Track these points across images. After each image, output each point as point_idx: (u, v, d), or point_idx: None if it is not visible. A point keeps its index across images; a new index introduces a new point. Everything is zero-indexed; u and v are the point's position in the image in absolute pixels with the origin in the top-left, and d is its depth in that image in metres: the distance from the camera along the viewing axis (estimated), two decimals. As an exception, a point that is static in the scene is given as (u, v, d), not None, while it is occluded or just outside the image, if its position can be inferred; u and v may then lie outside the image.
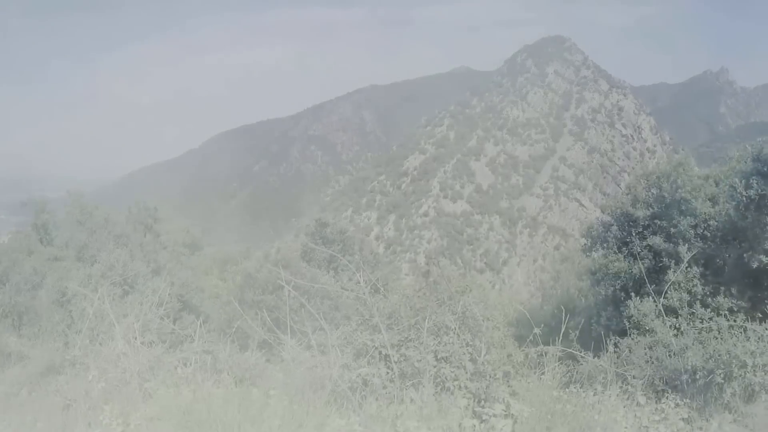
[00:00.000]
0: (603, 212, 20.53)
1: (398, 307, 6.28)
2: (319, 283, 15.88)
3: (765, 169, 14.75)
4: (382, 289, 7.00)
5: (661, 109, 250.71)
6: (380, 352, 6.04)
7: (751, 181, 14.46)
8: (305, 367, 6.22)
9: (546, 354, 6.37)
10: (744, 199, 14.65)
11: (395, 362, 5.87)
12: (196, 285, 27.56)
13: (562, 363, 8.01)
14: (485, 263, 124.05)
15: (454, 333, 5.86)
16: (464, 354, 5.75)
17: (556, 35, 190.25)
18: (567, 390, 6.12)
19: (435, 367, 5.71)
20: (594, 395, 6.13)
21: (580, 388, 6.66)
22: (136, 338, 7.06)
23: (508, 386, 5.67)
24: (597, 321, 16.77)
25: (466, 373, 5.67)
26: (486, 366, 5.64)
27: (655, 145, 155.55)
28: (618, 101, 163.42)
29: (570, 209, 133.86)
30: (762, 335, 6.99)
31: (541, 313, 27.06)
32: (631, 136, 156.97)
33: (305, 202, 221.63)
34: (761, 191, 14.43)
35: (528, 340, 6.75)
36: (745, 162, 15.62)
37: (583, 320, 16.09)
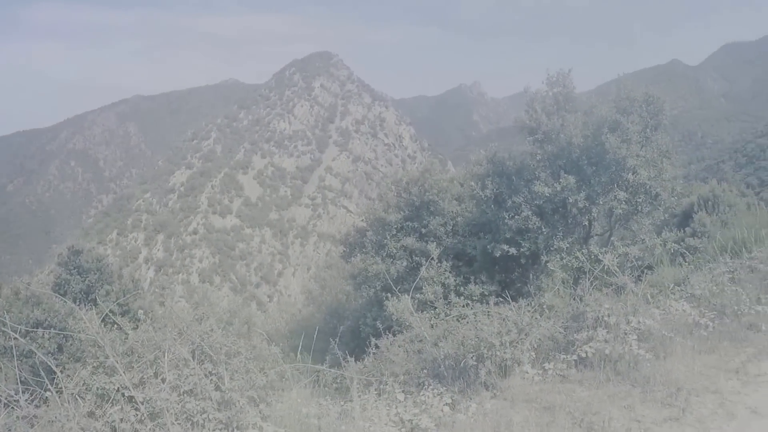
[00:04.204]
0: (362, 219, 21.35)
1: (134, 344, 5.73)
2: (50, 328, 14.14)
3: (499, 169, 16.56)
4: (117, 324, 6.37)
5: (421, 119, 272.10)
6: (123, 395, 5.52)
7: (486, 182, 16.14)
8: (43, 422, 5.38)
9: (288, 373, 6.21)
10: (483, 197, 16.30)
11: (141, 403, 5.37)
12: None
13: (329, 371, 7.88)
14: (261, 277, 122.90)
15: (194, 364, 5.51)
16: (208, 384, 5.45)
17: (324, 51, 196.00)
18: (319, 403, 5.96)
19: (179, 402, 5.35)
20: (347, 402, 6.04)
21: (343, 395, 6.56)
22: None
23: (258, 410, 5.41)
24: (364, 322, 17.33)
25: (213, 403, 5.38)
26: (232, 393, 5.35)
27: (415, 152, 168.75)
28: (380, 113, 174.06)
29: (338, 216, 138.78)
30: (506, 316, 7.56)
31: (314, 321, 27.34)
32: (393, 144, 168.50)
33: (66, 225, 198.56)
34: (496, 190, 16.17)
35: (271, 358, 6.53)
36: (481, 165, 17.46)
37: (350, 323, 16.45)
